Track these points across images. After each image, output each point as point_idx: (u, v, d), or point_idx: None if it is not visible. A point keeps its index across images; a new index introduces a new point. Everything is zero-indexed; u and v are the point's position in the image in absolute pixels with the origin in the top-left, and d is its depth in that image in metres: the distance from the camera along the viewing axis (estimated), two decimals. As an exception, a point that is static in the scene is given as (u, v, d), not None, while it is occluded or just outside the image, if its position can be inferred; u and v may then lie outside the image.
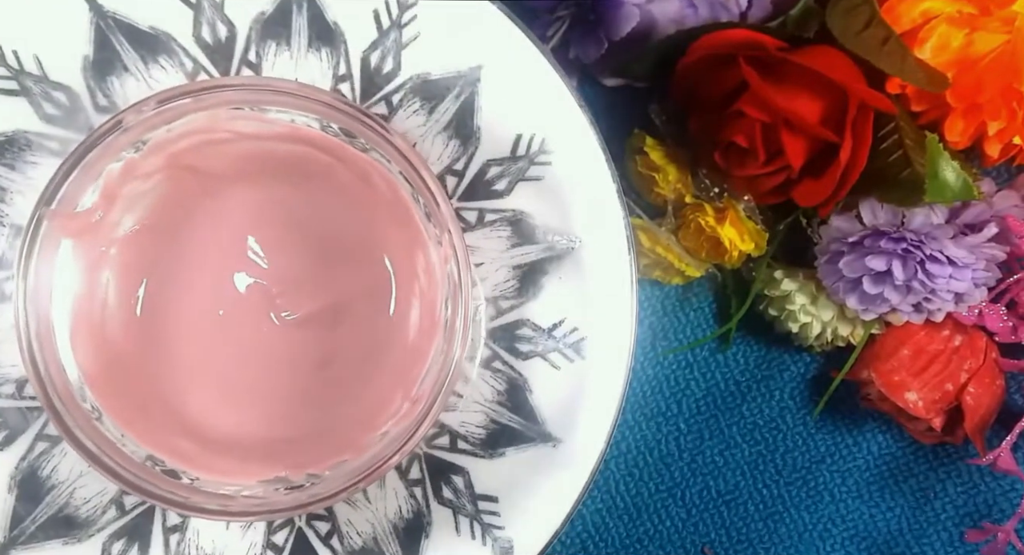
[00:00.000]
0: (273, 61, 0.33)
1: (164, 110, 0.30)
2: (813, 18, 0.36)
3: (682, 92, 0.38)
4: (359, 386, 0.34)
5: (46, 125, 0.32)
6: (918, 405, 0.39)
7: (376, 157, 0.32)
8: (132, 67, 0.32)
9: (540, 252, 0.34)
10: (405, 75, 0.33)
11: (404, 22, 0.32)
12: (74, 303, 0.32)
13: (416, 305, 0.34)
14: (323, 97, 0.30)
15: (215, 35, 0.32)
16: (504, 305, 0.34)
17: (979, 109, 0.36)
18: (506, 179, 0.34)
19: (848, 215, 0.37)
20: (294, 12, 0.32)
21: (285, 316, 0.33)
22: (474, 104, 0.33)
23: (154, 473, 0.31)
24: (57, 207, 0.29)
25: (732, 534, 0.43)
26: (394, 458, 0.30)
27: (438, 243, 0.31)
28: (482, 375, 0.34)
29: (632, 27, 0.36)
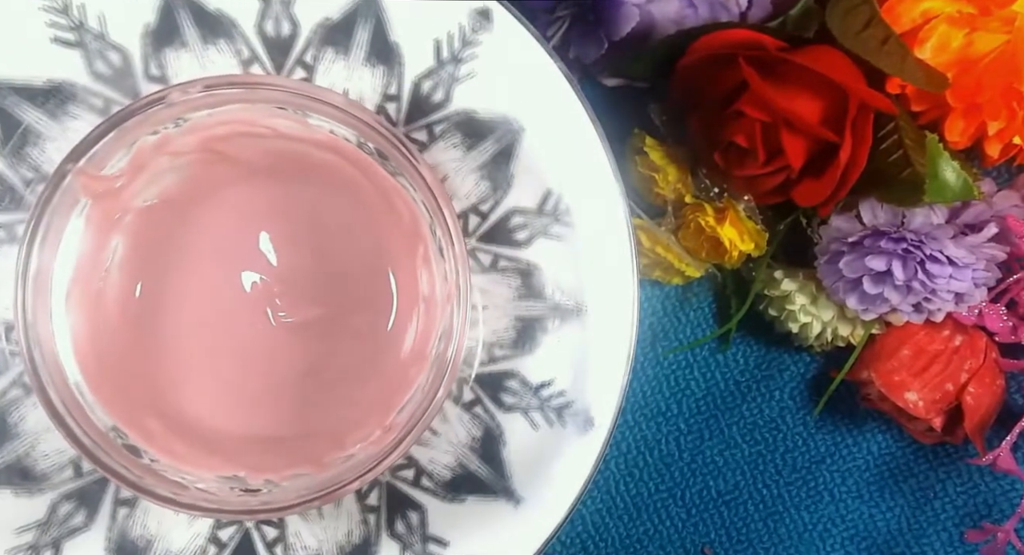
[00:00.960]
0: (328, 67, 0.33)
1: (210, 95, 0.30)
2: (813, 18, 0.36)
3: (682, 92, 0.38)
4: (337, 402, 0.34)
5: (94, 81, 0.32)
6: (918, 405, 0.39)
7: (403, 182, 0.32)
8: (190, 43, 0.32)
9: (545, 309, 0.34)
10: (452, 108, 0.33)
11: (463, 57, 0.33)
12: (77, 262, 0.32)
13: (411, 333, 0.34)
14: (366, 116, 0.30)
15: (278, 30, 0.33)
16: (498, 353, 0.34)
17: (979, 109, 0.36)
18: (527, 230, 0.34)
19: (848, 215, 0.37)
20: (359, 25, 0.32)
21: (282, 316, 0.33)
22: (513, 151, 0.33)
23: (114, 445, 0.31)
24: (84, 165, 0.30)
25: (732, 534, 0.43)
26: (354, 483, 0.30)
27: (444, 278, 0.32)
28: (461, 417, 0.34)
29: (632, 27, 0.36)
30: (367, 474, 0.30)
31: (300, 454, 0.33)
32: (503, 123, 0.33)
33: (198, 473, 0.32)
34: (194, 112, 0.31)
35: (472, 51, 0.33)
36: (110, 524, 0.33)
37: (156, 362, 0.33)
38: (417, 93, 0.33)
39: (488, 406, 0.34)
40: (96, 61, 0.32)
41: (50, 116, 0.32)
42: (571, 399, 0.34)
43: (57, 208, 0.30)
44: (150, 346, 0.33)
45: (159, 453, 0.32)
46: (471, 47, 0.33)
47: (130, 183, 0.32)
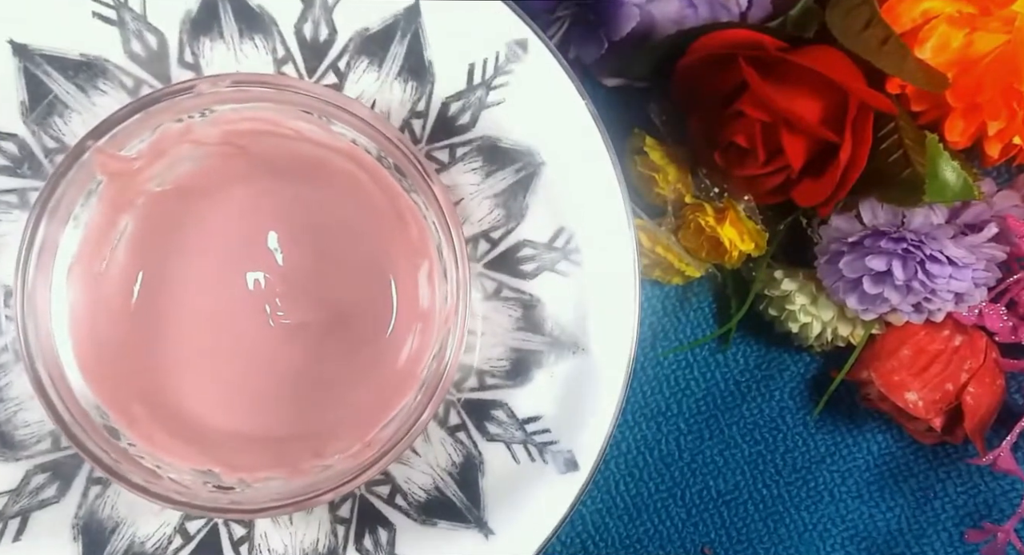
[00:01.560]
0: (360, 76, 0.33)
1: (238, 90, 0.30)
2: (813, 18, 0.36)
3: (682, 92, 0.38)
4: (323, 410, 0.34)
5: (128, 61, 0.32)
6: (918, 405, 0.39)
7: (417, 200, 0.32)
8: (227, 35, 0.32)
9: (542, 344, 0.34)
10: (477, 133, 0.33)
11: (494, 84, 0.33)
12: (84, 239, 0.32)
13: (406, 350, 0.34)
14: (388, 131, 0.30)
15: (315, 33, 0.33)
16: (489, 381, 0.34)
17: (979, 109, 0.36)
18: (535, 263, 0.34)
19: (848, 215, 0.37)
20: (396, 39, 0.33)
21: (280, 316, 0.34)
22: (531, 184, 0.33)
23: (94, 424, 0.31)
24: (105, 143, 0.30)
25: (732, 534, 0.43)
26: (328, 494, 0.30)
27: (445, 299, 0.32)
28: (444, 440, 0.34)
29: (632, 27, 0.36)
30: (341, 487, 0.30)
31: (277, 457, 0.33)
32: (525, 154, 0.33)
33: (174, 463, 0.32)
34: (221, 105, 0.31)
35: (504, 79, 0.33)
36: (80, 501, 0.33)
37: (148, 348, 0.33)
38: (444, 113, 0.33)
39: (472, 433, 0.34)
40: (133, 41, 0.32)
41: (79, 89, 0.32)
42: (556, 438, 0.34)
43: (72, 181, 0.30)
44: (145, 332, 0.33)
45: (138, 438, 0.32)
46: (504, 75, 0.33)
47: (148, 166, 0.32)
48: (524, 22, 0.33)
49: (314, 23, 0.33)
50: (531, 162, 0.33)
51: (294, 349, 0.34)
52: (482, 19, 0.33)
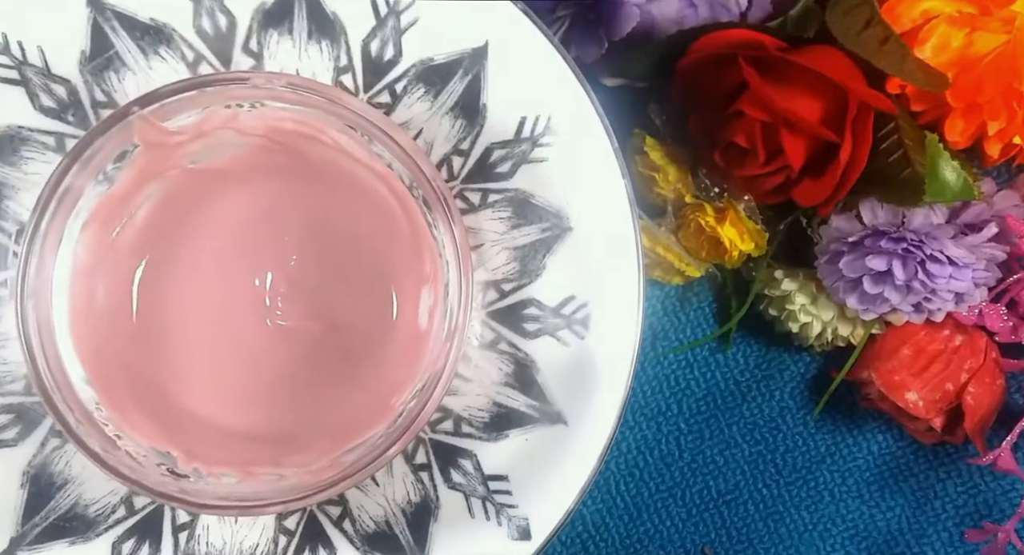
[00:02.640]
0: (413, 103, 0.33)
1: (292, 92, 0.30)
2: (813, 18, 0.36)
3: (682, 92, 0.38)
4: (293, 419, 0.34)
5: (194, 35, 0.33)
6: (918, 405, 0.39)
7: (437, 236, 0.32)
8: (296, 34, 0.33)
9: (525, 407, 0.34)
10: (513, 184, 0.34)
11: (541, 142, 0.33)
12: (108, 197, 0.32)
13: (391, 379, 0.34)
14: (425, 166, 0.31)
15: (380, 51, 0.33)
16: (465, 429, 0.34)
17: (979, 109, 0.36)
18: (539, 324, 0.34)
19: (848, 215, 0.37)
20: (458, 75, 0.33)
21: (278, 314, 0.34)
22: (553, 245, 0.34)
23: (68, 380, 0.31)
24: (151, 112, 0.30)
25: (732, 534, 0.43)
26: (276, 506, 0.30)
27: (441, 337, 0.32)
28: (406, 476, 0.34)
29: (632, 27, 0.36)
30: (291, 502, 0.30)
31: (238, 455, 0.33)
32: (555, 216, 0.34)
33: (135, 438, 0.32)
34: (272, 101, 0.31)
35: (551, 139, 0.33)
36: (37, 451, 0.33)
37: (141, 321, 0.33)
38: (486, 157, 0.34)
39: (435, 474, 0.34)
40: (203, 18, 0.32)
41: (141, 51, 0.32)
42: (515, 502, 0.34)
43: (111, 139, 0.30)
44: (141, 305, 0.33)
45: (109, 404, 0.32)
46: (552, 135, 0.33)
47: (187, 143, 0.32)
48: (586, 94, 0.33)
49: (382, 41, 0.33)
50: (558, 225, 0.34)
51: (284, 352, 0.34)
52: (547, 80, 0.33)
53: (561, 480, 0.34)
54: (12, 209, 0.33)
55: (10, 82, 0.32)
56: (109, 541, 0.33)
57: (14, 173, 0.33)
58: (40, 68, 0.32)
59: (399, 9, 0.33)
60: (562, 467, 0.34)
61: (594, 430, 0.34)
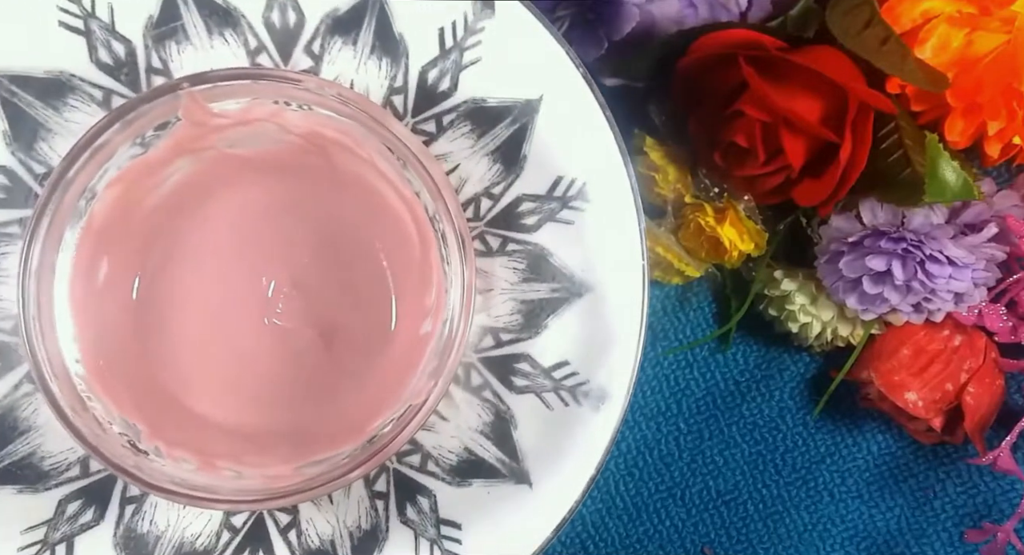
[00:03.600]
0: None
1: (339, 103, 0.30)
2: (813, 18, 0.36)
3: (682, 92, 0.38)
4: (267, 418, 0.34)
5: (262, 26, 0.33)
6: (918, 405, 0.39)
7: (447, 271, 0.32)
8: (359, 46, 0.33)
9: (498, 462, 0.34)
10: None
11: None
12: (141, 159, 0.32)
13: (370, 401, 0.33)
14: (451, 204, 0.31)
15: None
16: (431, 467, 0.34)
17: (979, 109, 0.36)
18: (527, 381, 0.34)
19: (848, 215, 0.37)
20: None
21: (278, 311, 0.34)
22: (559, 310, 0.34)
23: (55, 336, 0.31)
24: (200, 91, 0.30)
25: (732, 534, 0.43)
26: (222, 504, 0.30)
27: (429, 372, 0.32)
28: (361, 500, 0.34)
29: (632, 27, 0.36)
30: (240, 503, 0.30)
31: (201, 441, 0.33)
32: (568, 279, 0.34)
33: (106, 404, 0.32)
34: (319, 107, 0.31)
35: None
36: (8, 392, 0.33)
37: (140, 293, 0.33)
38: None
39: (391, 505, 0.34)
40: (274, 11, 0.33)
41: (207, 29, 0.33)
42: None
43: (155, 108, 0.30)
44: (143, 277, 0.33)
45: (87, 363, 0.32)
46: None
47: (227, 128, 0.32)
48: (625, 168, 0.33)
49: (441, 72, 0.33)
50: (569, 289, 0.34)
51: (275, 351, 0.34)
52: (592, 146, 0.33)
53: (514, 541, 0.34)
54: (43, 151, 0.33)
55: (74, 30, 0.32)
56: (56, 497, 0.33)
57: (55, 117, 0.33)
58: (106, 23, 0.32)
59: (465, 46, 0.33)
60: (519, 527, 0.34)
61: (558, 498, 0.33)
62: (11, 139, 0.32)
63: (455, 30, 0.33)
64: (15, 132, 0.32)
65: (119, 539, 0.33)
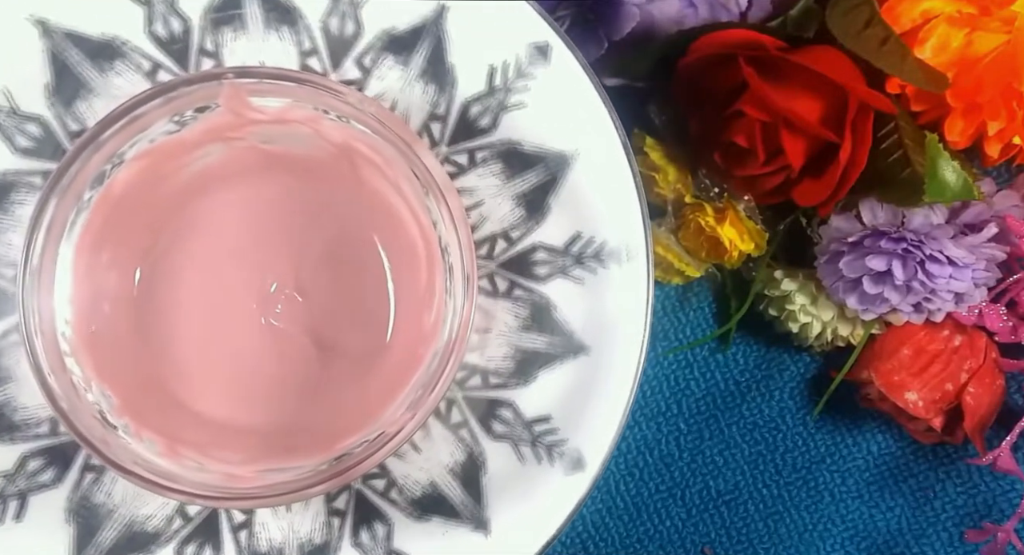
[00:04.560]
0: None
1: (376, 121, 0.31)
2: (813, 18, 0.36)
3: (682, 92, 0.38)
4: (246, 412, 0.34)
5: (317, 26, 0.33)
6: (918, 405, 0.39)
7: (448, 304, 0.32)
8: (411, 67, 0.33)
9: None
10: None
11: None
12: (175, 138, 0.32)
13: (347, 419, 0.33)
14: (464, 239, 0.31)
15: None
16: (394, 496, 0.34)
17: (979, 109, 0.36)
18: (507, 428, 0.34)
19: (848, 215, 0.37)
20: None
21: (277, 311, 0.34)
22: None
23: (52, 303, 0.31)
24: (244, 84, 0.30)
25: (732, 534, 0.43)
26: (176, 495, 0.30)
27: (410, 400, 0.32)
28: (318, 512, 0.34)
29: (632, 27, 0.36)
30: (196, 496, 0.30)
31: (171, 425, 0.33)
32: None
33: (85, 368, 0.32)
34: (357, 122, 0.31)
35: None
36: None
37: (143, 276, 0.33)
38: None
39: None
40: (333, 18, 0.33)
41: (265, 23, 0.33)
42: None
43: (197, 91, 0.30)
44: (146, 263, 0.33)
45: (76, 329, 0.32)
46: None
47: (263, 124, 0.32)
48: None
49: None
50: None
51: (266, 349, 0.34)
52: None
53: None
54: (80, 109, 0.33)
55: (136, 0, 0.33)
56: (20, 451, 0.33)
57: (98, 77, 0.33)
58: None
59: (512, 88, 0.33)
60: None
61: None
62: (52, 92, 0.32)
63: (506, 71, 0.33)
64: (58, 85, 0.32)
65: (73, 505, 0.33)
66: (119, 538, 0.33)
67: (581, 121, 0.33)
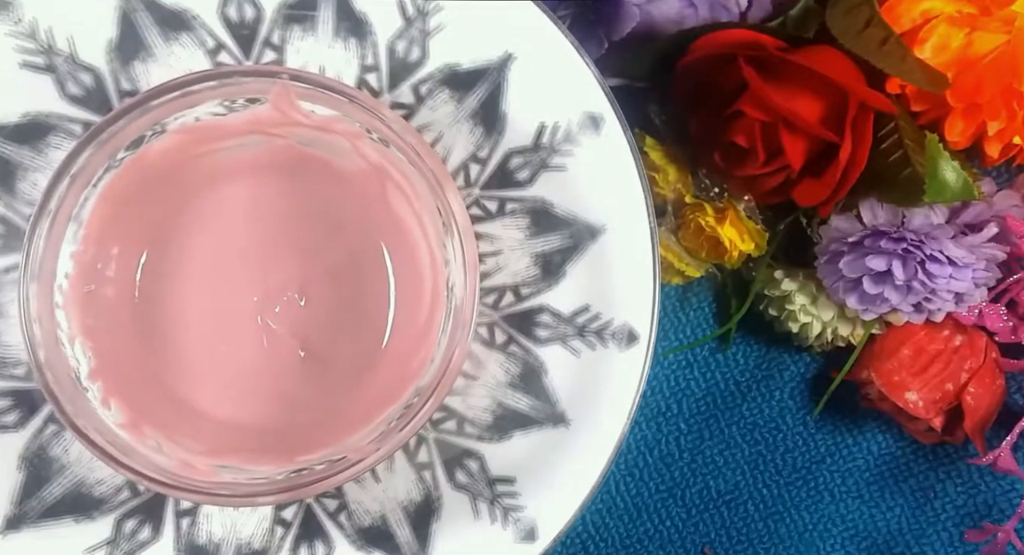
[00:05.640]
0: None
1: (414, 155, 0.31)
2: (813, 18, 0.36)
3: (682, 92, 0.38)
4: (225, 406, 0.34)
5: (385, 53, 0.33)
6: (918, 405, 0.39)
7: (442, 343, 0.32)
8: (461, 108, 0.33)
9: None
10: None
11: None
12: (219, 120, 0.32)
13: (315, 432, 0.34)
14: (472, 281, 0.31)
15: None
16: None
17: (979, 109, 0.36)
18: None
19: (848, 215, 0.37)
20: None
21: (276, 311, 0.34)
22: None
23: (52, 273, 0.31)
24: (296, 88, 0.30)
25: (732, 534, 0.43)
26: (127, 471, 0.30)
27: (394, 414, 0.32)
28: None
29: (632, 27, 0.36)
30: (141, 477, 0.30)
31: (141, 400, 0.33)
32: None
33: (73, 326, 0.32)
34: (395, 149, 0.31)
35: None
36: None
37: (150, 257, 0.34)
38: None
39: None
40: (399, 42, 0.33)
41: (334, 31, 0.33)
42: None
43: (250, 83, 0.30)
44: (153, 245, 0.34)
45: (74, 283, 0.32)
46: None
47: (306, 128, 0.32)
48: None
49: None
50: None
51: (252, 345, 0.34)
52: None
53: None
54: (137, 70, 0.33)
55: None
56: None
57: (162, 45, 0.33)
58: None
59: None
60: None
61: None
62: (114, 48, 0.32)
63: (556, 132, 0.33)
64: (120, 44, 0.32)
65: (28, 453, 0.33)
66: (64, 496, 0.33)
67: (617, 198, 0.33)
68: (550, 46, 0.33)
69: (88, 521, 0.33)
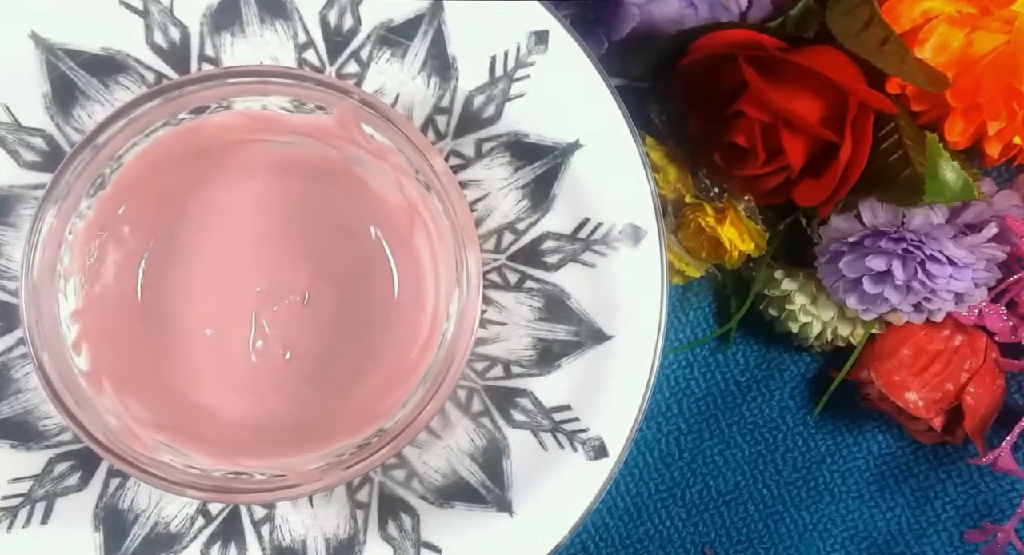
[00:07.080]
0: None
1: (446, 202, 0.31)
2: (813, 18, 0.36)
3: (682, 92, 0.38)
4: (221, 404, 0.34)
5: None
6: (918, 405, 0.39)
7: (424, 375, 0.33)
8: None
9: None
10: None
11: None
12: (272, 113, 0.32)
13: (299, 437, 0.33)
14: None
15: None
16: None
17: (979, 109, 0.36)
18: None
19: (848, 215, 0.37)
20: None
21: (272, 311, 0.34)
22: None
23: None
24: (362, 107, 0.31)
25: (732, 534, 0.43)
26: (114, 459, 0.30)
27: (386, 425, 0.32)
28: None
29: (632, 27, 0.36)
30: (106, 451, 0.30)
31: (120, 367, 0.33)
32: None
33: (68, 295, 0.32)
34: (435, 197, 0.32)
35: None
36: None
37: (158, 242, 0.34)
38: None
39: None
40: (479, 97, 0.33)
41: (420, 68, 0.33)
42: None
43: (322, 93, 0.31)
44: (178, 203, 0.34)
45: (76, 255, 0.32)
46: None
47: (357, 148, 0.33)
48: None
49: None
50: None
51: (240, 341, 0.34)
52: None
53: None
54: (224, 40, 0.33)
55: None
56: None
57: (255, 29, 0.33)
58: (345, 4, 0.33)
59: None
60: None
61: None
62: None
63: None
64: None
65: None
66: (9, 418, 0.33)
67: (635, 315, 0.33)
68: (615, 146, 0.33)
69: (24, 451, 0.33)
